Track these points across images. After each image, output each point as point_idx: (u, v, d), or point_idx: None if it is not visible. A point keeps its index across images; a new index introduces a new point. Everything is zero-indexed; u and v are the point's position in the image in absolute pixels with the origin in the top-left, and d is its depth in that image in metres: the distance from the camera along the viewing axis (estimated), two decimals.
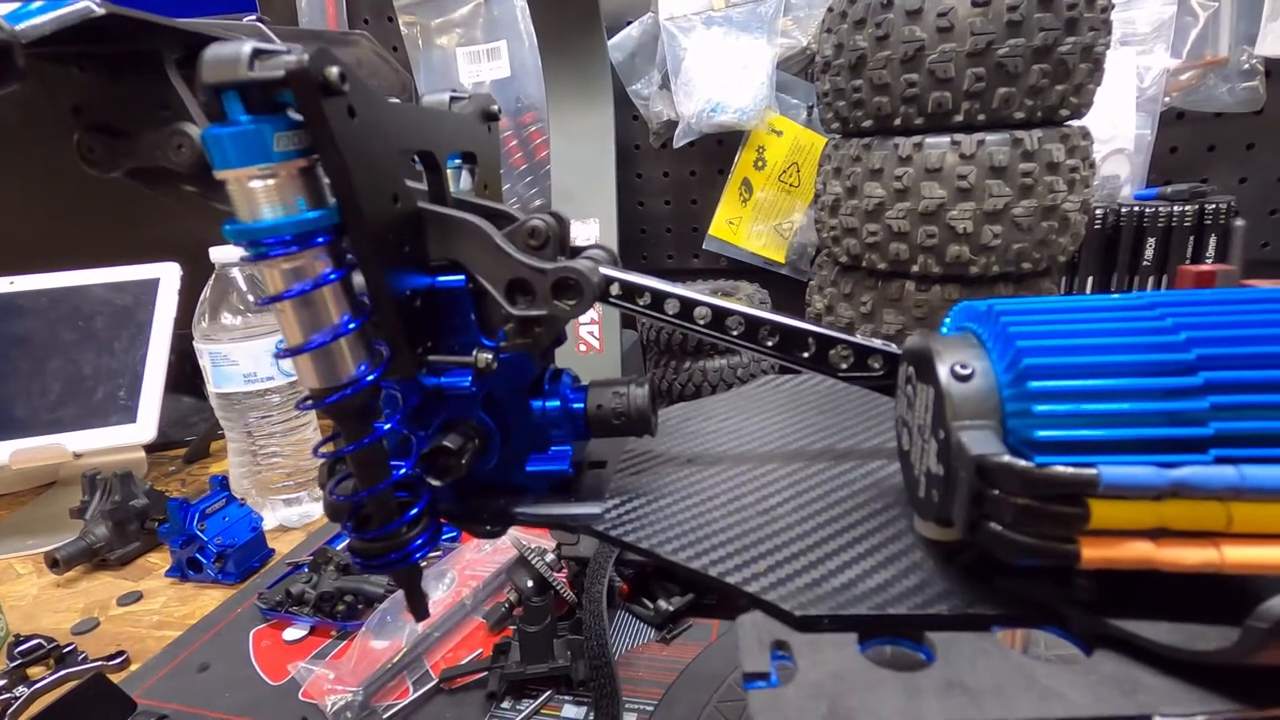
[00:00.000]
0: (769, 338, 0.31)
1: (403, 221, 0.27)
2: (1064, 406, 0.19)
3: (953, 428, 0.21)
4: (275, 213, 0.23)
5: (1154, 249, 0.82)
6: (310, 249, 0.24)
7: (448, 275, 0.29)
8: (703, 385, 0.82)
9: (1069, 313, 0.22)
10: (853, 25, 0.66)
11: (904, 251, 0.67)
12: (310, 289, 0.24)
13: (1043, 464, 0.19)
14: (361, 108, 0.24)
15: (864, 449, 0.33)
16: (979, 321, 0.24)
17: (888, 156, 0.66)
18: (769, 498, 0.29)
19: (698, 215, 1.03)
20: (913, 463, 0.25)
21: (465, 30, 1.01)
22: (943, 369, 0.22)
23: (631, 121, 1.01)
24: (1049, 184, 0.63)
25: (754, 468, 0.32)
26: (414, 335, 0.28)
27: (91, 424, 0.83)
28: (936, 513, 0.23)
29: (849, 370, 0.31)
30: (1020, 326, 0.21)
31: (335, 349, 0.25)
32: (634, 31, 0.96)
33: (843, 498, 0.29)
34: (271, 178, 0.22)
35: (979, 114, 0.62)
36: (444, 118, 0.31)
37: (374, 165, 0.25)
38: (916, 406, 0.25)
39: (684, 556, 0.26)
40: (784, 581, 0.24)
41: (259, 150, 0.22)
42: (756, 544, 0.26)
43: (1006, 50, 0.60)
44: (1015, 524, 0.20)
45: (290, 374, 0.80)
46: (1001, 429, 0.21)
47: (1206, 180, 0.87)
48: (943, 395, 0.22)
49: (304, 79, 0.21)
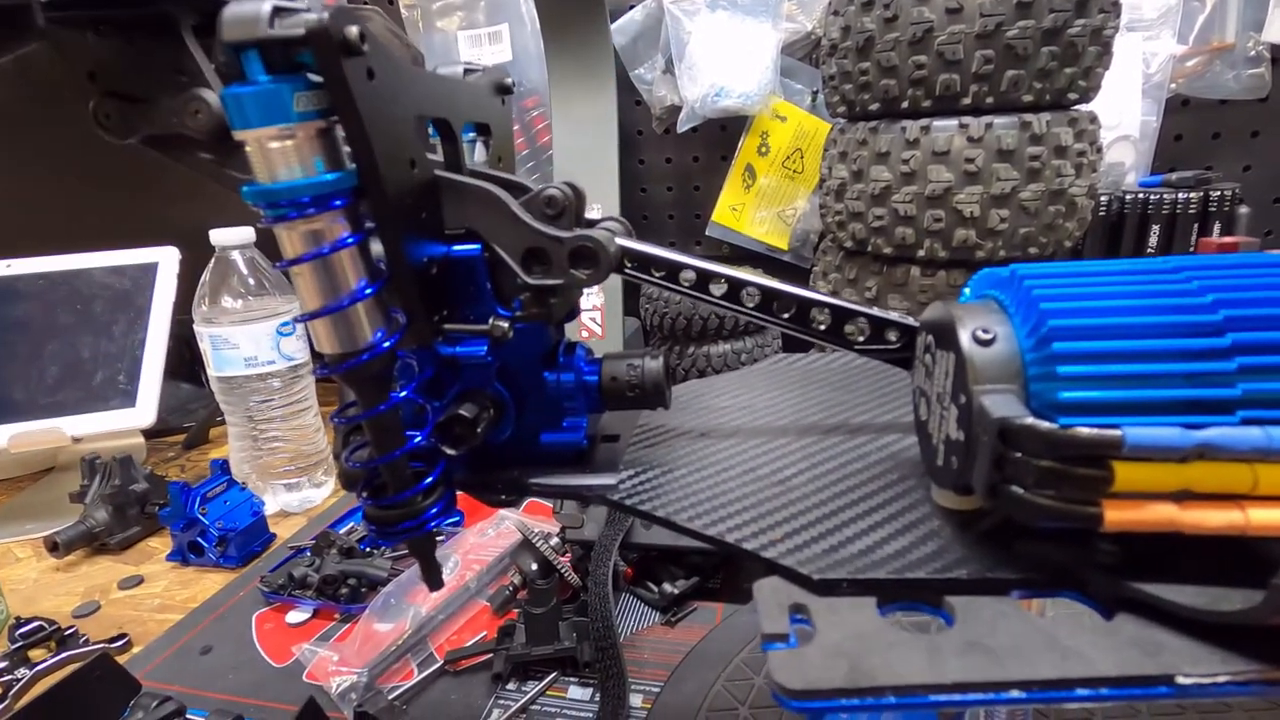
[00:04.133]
0: (784, 310, 0.31)
1: (420, 188, 0.27)
2: (1088, 368, 0.19)
3: (974, 391, 0.21)
4: (293, 174, 0.22)
5: (1158, 236, 0.82)
6: (328, 211, 0.23)
7: (463, 244, 0.29)
8: (706, 370, 0.82)
9: (1092, 276, 0.21)
10: (860, 7, 0.66)
11: (910, 236, 0.67)
12: (328, 253, 0.24)
13: (1067, 425, 0.19)
14: (381, 70, 0.23)
15: (879, 423, 0.33)
16: (1001, 288, 0.23)
17: (895, 140, 0.66)
18: (784, 469, 0.29)
19: (700, 201, 1.02)
20: (931, 432, 0.25)
21: (466, 13, 1.00)
22: (964, 334, 0.22)
23: (634, 106, 1.01)
24: (1056, 168, 0.63)
25: (769, 441, 0.32)
26: (430, 303, 0.28)
27: (90, 408, 0.83)
28: (956, 479, 0.23)
29: (865, 343, 0.31)
30: (1044, 290, 0.21)
31: (352, 314, 0.25)
32: (637, 15, 0.95)
33: (858, 469, 0.29)
34: (290, 138, 0.22)
35: (987, 97, 0.62)
36: (460, 87, 0.31)
37: (392, 129, 0.25)
38: (936, 375, 0.25)
39: (700, 524, 0.26)
40: (802, 547, 0.24)
41: (279, 110, 0.22)
42: (773, 512, 0.26)
43: (1016, 32, 0.59)
44: (1037, 486, 0.20)
45: (291, 357, 0.80)
46: (1024, 393, 0.21)
47: (1211, 167, 0.87)
48: (964, 360, 0.22)
49: (324, 37, 0.21)
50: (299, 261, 0.24)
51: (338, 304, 0.24)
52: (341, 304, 0.24)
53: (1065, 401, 0.19)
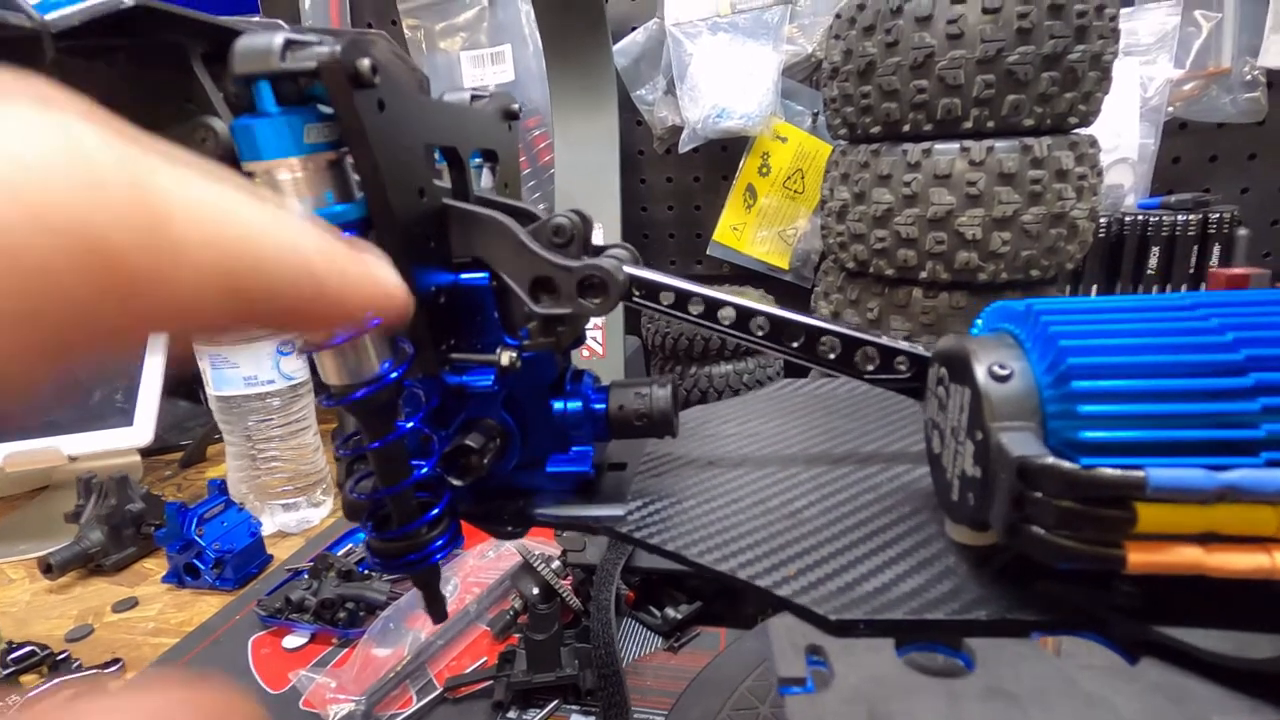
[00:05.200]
0: (793, 339, 0.31)
1: (428, 217, 0.27)
2: (1110, 407, 0.19)
3: (991, 429, 0.21)
4: (304, 206, 0.22)
5: (1158, 258, 0.82)
6: None
7: (470, 272, 0.29)
8: (709, 391, 0.82)
9: (1109, 313, 0.21)
10: (862, 31, 0.66)
11: (912, 258, 0.67)
12: None
13: (1089, 466, 0.19)
14: (391, 101, 0.23)
15: (889, 453, 0.33)
16: (1016, 322, 0.23)
17: (896, 162, 0.66)
18: (795, 500, 0.29)
19: (701, 221, 1.03)
20: (945, 466, 0.25)
21: (469, 34, 1.01)
22: (980, 369, 0.22)
23: (635, 127, 1.01)
24: (1058, 191, 0.63)
25: (778, 470, 0.32)
26: (438, 332, 0.28)
27: (87, 426, 0.82)
28: (972, 516, 0.22)
29: (874, 372, 0.30)
30: (1062, 326, 0.21)
31: (360, 344, 0.25)
32: (639, 37, 0.96)
33: (870, 501, 0.29)
34: (300, 170, 0.22)
35: (988, 121, 0.63)
36: (468, 114, 0.31)
37: (402, 159, 0.24)
38: (949, 408, 0.24)
39: (711, 559, 0.26)
40: (816, 585, 0.24)
41: (289, 142, 0.21)
42: (785, 546, 0.26)
43: (1016, 57, 0.60)
44: (1058, 527, 0.19)
45: (291, 377, 0.79)
46: (1042, 430, 0.21)
47: (1209, 190, 0.87)
48: (980, 396, 0.21)
49: (336, 70, 0.21)
50: None
51: (345, 335, 0.24)
52: (349, 334, 0.24)
53: (1087, 441, 0.19)
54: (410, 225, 0.25)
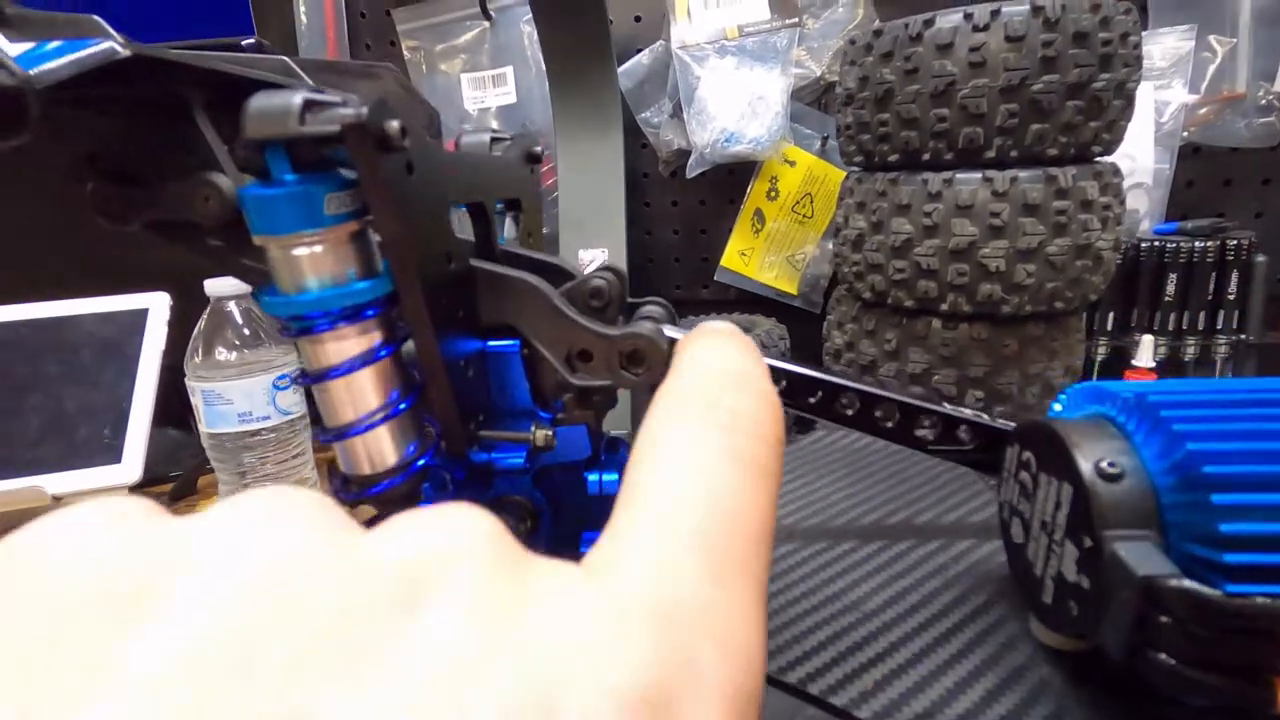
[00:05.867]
0: (848, 408, 0.28)
1: (456, 283, 0.24)
2: (1258, 526, 0.17)
3: (1105, 538, 0.19)
4: (323, 284, 0.20)
5: (1175, 284, 0.81)
6: (360, 322, 0.21)
7: (498, 338, 0.27)
8: None
9: (1233, 406, 0.19)
10: (880, 58, 0.64)
11: (933, 289, 0.65)
12: (360, 368, 0.21)
13: (1235, 594, 0.16)
14: (420, 163, 0.21)
15: (947, 524, 0.30)
16: (1115, 407, 0.21)
17: (916, 192, 0.64)
18: (857, 586, 0.27)
19: (707, 245, 1.01)
20: (1032, 561, 0.23)
21: (470, 56, 0.99)
22: (1085, 465, 0.20)
23: (640, 149, 0.99)
24: (1083, 222, 0.61)
25: (833, 546, 0.29)
26: (466, 408, 0.25)
27: (73, 464, 0.79)
28: (1078, 629, 0.20)
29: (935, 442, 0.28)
30: (1185, 424, 0.18)
31: (384, 430, 0.22)
32: (644, 59, 0.94)
33: (939, 588, 0.26)
34: (320, 244, 0.20)
35: (1011, 150, 0.61)
36: (493, 165, 0.29)
37: (430, 225, 0.22)
38: (1038, 500, 0.22)
39: (775, 668, 0.23)
40: (899, 704, 0.21)
41: (309, 214, 0.19)
42: (855, 650, 0.23)
43: (1041, 86, 0.58)
44: (1193, 658, 0.17)
45: (288, 412, 0.76)
46: (1161, 538, 0.19)
47: (1223, 214, 0.86)
48: (1089, 498, 0.19)
49: (363, 135, 0.18)
50: (327, 378, 0.21)
51: (370, 423, 0.21)
52: (375, 423, 0.21)
53: (1231, 565, 0.17)
54: (438, 296, 0.23)
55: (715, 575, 0.11)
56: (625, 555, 0.12)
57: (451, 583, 0.10)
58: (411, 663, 0.09)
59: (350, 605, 0.09)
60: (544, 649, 0.09)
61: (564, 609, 0.10)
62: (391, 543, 0.11)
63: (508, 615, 0.10)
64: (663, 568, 0.11)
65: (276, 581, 0.10)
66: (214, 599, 0.10)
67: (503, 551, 0.11)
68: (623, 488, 0.14)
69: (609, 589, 0.11)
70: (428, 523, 0.11)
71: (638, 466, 0.14)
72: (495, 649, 0.09)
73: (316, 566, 0.10)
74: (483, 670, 0.09)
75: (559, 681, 0.09)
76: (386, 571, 0.10)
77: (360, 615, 0.09)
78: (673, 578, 0.11)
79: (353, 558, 0.10)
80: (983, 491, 0.33)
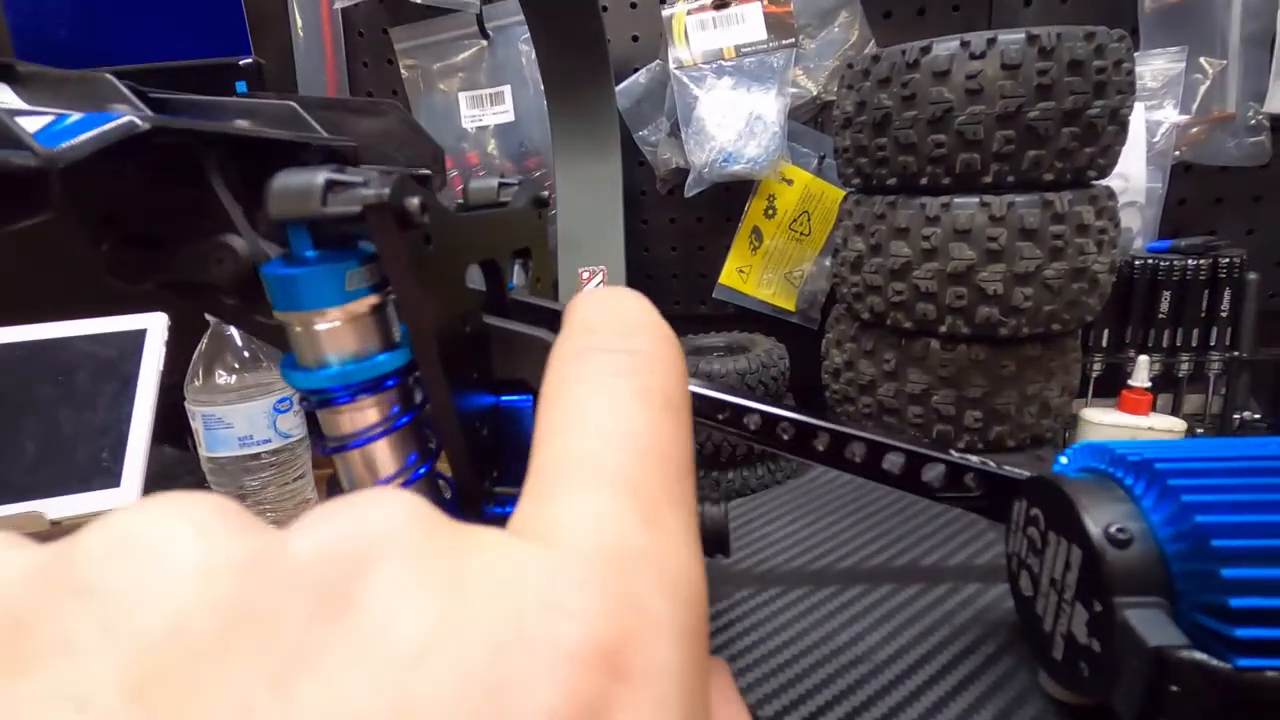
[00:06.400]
0: (855, 455, 0.29)
1: (471, 343, 0.25)
2: (1268, 601, 0.17)
3: (1116, 605, 0.19)
4: (343, 359, 0.20)
5: (1169, 303, 0.82)
6: (380, 393, 0.21)
7: (510, 394, 0.27)
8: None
9: (1241, 475, 0.19)
10: (877, 84, 0.65)
11: (931, 311, 0.66)
12: (379, 437, 0.21)
13: (1245, 668, 0.17)
14: (437, 234, 0.21)
15: (953, 566, 0.31)
16: (1123, 470, 0.21)
17: (914, 216, 0.65)
18: (865, 636, 0.27)
19: (705, 262, 1.01)
20: (1041, 616, 0.23)
21: (468, 74, 0.99)
22: (1094, 529, 0.20)
23: (637, 167, 1.00)
24: (1079, 246, 0.62)
25: (840, 592, 0.29)
26: (480, 467, 0.25)
27: (71, 488, 0.78)
28: (1087, 689, 0.20)
29: (942, 490, 0.29)
30: (1194, 495, 0.19)
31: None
32: (641, 79, 0.94)
33: (947, 637, 0.27)
34: (341, 320, 0.20)
35: (1008, 175, 0.62)
36: (505, 219, 0.29)
37: (448, 291, 0.22)
38: (1047, 559, 0.22)
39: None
40: None
41: (330, 291, 0.19)
42: (868, 707, 0.24)
43: (1037, 113, 0.59)
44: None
45: (288, 435, 0.76)
46: (1171, 606, 0.19)
47: (1214, 232, 0.87)
48: (1099, 563, 0.20)
49: (385, 215, 0.19)
50: (346, 449, 0.21)
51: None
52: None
53: (1242, 639, 0.17)
54: (455, 360, 0.23)
55: (649, 517, 0.11)
56: (556, 510, 0.11)
57: (379, 570, 0.09)
58: (346, 669, 0.08)
59: (269, 616, 0.09)
60: (488, 623, 0.09)
61: (504, 577, 0.09)
62: (306, 537, 0.10)
63: (445, 594, 0.09)
64: (597, 518, 0.11)
65: (177, 603, 0.09)
66: (112, 629, 0.09)
67: (432, 528, 0.10)
68: (536, 442, 0.13)
69: (547, 547, 0.10)
70: (344, 510, 0.10)
71: (548, 417, 0.13)
72: (434, 634, 0.08)
73: (222, 581, 0.09)
74: (425, 661, 0.08)
75: (509, 655, 0.08)
76: (306, 570, 0.09)
77: (282, 624, 0.09)
78: (608, 527, 0.11)
79: (265, 562, 0.09)
80: (985, 531, 0.34)
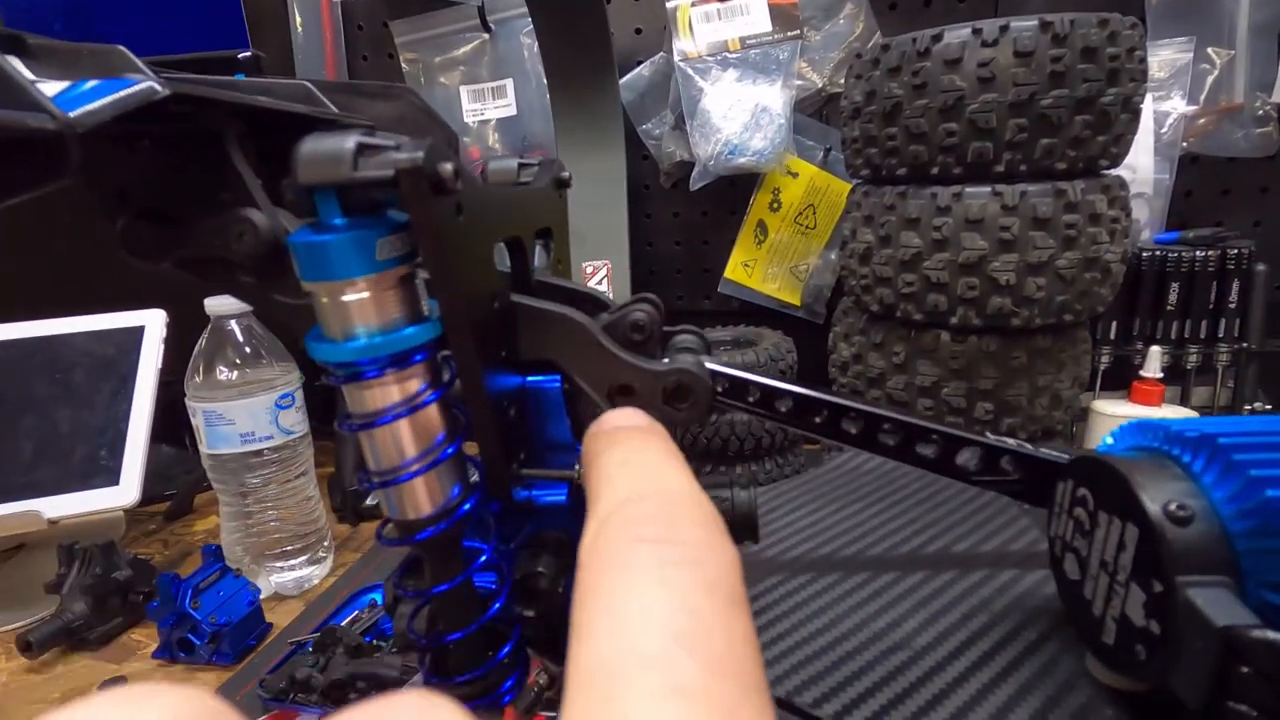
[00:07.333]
0: (890, 438, 0.28)
1: (499, 321, 0.24)
2: None
3: (1178, 584, 0.18)
4: (371, 330, 0.19)
5: (1177, 294, 0.81)
6: (409, 368, 0.20)
7: (537, 374, 0.26)
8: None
9: None
10: (887, 72, 0.64)
11: (942, 303, 0.65)
12: (407, 414, 0.20)
13: None
14: (468, 204, 0.20)
15: (987, 552, 0.30)
16: (1179, 447, 0.21)
17: (925, 206, 0.64)
18: (903, 622, 0.26)
19: (709, 256, 1.00)
20: (1090, 599, 0.22)
21: (469, 68, 0.98)
22: (1152, 506, 0.19)
23: (641, 161, 0.99)
24: (1092, 235, 0.62)
25: (871, 579, 0.29)
26: (509, 449, 0.25)
27: (70, 487, 0.77)
28: (1145, 673, 0.20)
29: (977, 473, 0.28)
30: (1261, 469, 0.18)
31: (431, 476, 0.21)
32: (645, 71, 0.94)
33: (987, 623, 0.26)
34: (369, 290, 0.19)
35: (1020, 164, 0.61)
36: (530, 198, 0.28)
37: (477, 266, 0.22)
38: (1096, 540, 0.22)
39: (830, 711, 0.23)
40: None
41: (361, 260, 0.18)
42: (910, 693, 0.23)
43: (1050, 101, 0.58)
44: (1276, 710, 0.17)
45: (291, 431, 0.75)
46: (1238, 585, 0.18)
47: (1221, 223, 0.87)
48: (1159, 542, 0.19)
49: (419, 179, 0.18)
50: (373, 425, 0.20)
51: (417, 469, 0.21)
52: (422, 469, 0.21)
53: None
54: (485, 337, 0.22)
55: None
56: None
57: None
58: None
59: None
60: None
61: None
62: None
63: None
64: None
65: None
66: None
67: None
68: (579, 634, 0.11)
69: None
70: None
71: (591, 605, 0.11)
72: None
73: None
74: None
75: None
76: None
77: None
78: None
79: None
80: (1019, 516, 0.33)
